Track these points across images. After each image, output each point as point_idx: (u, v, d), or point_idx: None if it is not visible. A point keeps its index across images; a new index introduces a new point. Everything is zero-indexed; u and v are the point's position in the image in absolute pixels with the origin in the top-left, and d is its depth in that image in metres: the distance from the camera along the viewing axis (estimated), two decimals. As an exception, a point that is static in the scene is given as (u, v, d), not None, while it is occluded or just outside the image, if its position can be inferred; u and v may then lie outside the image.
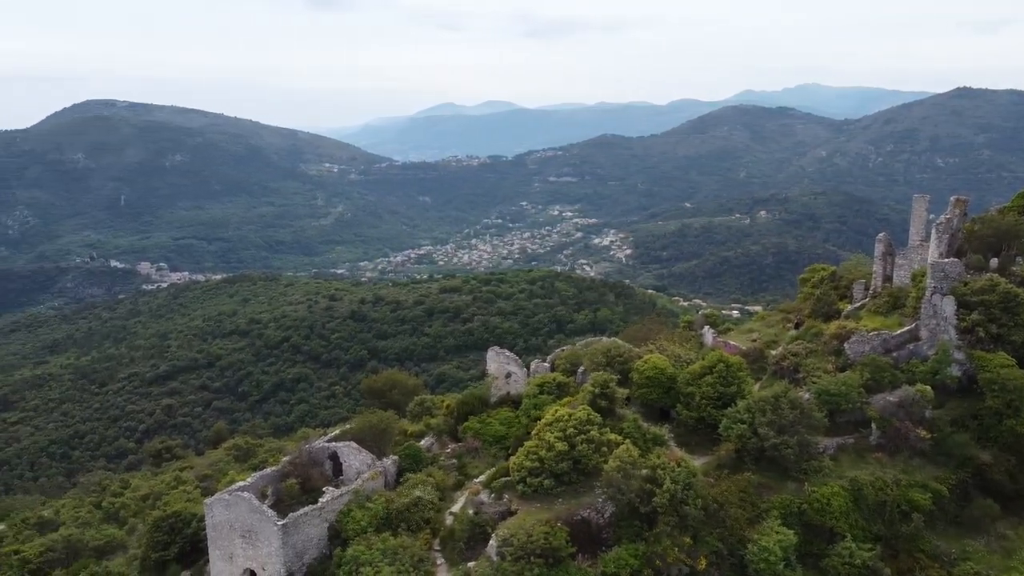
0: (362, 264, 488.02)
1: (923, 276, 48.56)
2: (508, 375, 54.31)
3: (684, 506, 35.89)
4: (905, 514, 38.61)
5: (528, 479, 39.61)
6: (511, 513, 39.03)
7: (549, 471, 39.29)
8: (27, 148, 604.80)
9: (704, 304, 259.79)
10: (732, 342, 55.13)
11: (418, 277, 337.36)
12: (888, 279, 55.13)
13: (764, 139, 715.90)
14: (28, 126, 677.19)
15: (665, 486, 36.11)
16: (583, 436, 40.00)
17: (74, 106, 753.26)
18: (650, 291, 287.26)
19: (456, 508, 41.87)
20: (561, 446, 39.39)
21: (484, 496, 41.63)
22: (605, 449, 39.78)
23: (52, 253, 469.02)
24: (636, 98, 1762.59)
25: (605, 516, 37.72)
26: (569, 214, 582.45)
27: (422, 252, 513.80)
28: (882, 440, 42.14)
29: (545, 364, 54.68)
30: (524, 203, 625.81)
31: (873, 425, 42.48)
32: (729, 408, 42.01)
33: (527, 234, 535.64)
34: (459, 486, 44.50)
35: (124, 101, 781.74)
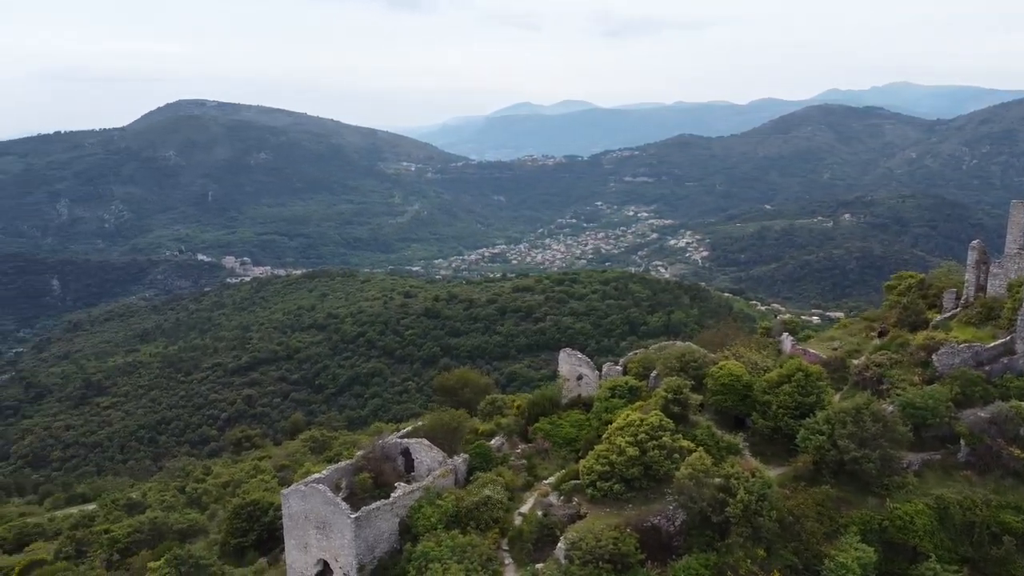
0: (437, 262, 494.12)
1: (1020, 286, 46.09)
2: (579, 377, 54.03)
3: (758, 517, 35.00)
4: (995, 536, 36.72)
5: (598, 483, 39.32)
6: (580, 516, 38.81)
7: (619, 476, 38.91)
8: (123, 146, 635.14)
9: (783, 309, 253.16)
10: (812, 350, 53.50)
11: (491, 276, 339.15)
12: (981, 289, 52.52)
13: (850, 140, 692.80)
14: (125, 125, 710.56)
15: (739, 496, 35.28)
16: (655, 442, 39.44)
17: (167, 105, 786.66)
18: (726, 294, 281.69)
19: (525, 509, 41.85)
20: (632, 451, 38.94)
21: (553, 498, 41.53)
22: (677, 456, 39.13)
23: (144, 246, 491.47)
24: (716, 97, 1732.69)
25: (676, 524, 37.12)
26: (644, 215, 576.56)
27: (496, 251, 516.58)
28: (971, 458, 40.18)
29: (617, 367, 54.19)
30: (599, 203, 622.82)
31: (962, 442, 40.53)
32: (807, 418, 40.75)
33: (601, 234, 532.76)
34: (528, 487, 44.46)
35: (214, 101, 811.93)
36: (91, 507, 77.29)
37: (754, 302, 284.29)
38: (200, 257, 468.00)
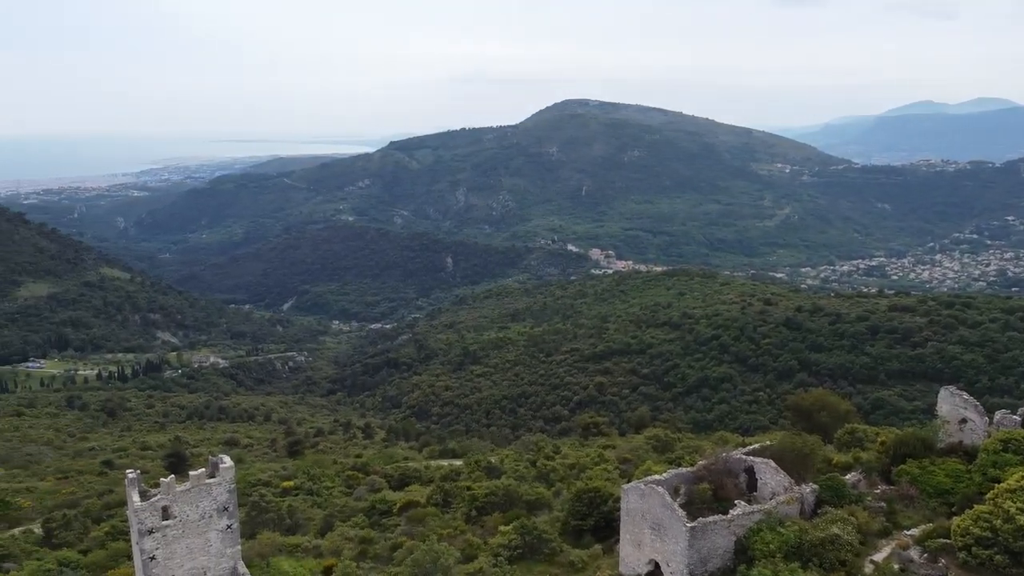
0: (803, 270, 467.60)
1: None
2: (963, 421, 46.92)
3: None
4: None
5: (974, 548, 33.90)
6: (947, 582, 33.89)
7: (1004, 546, 33.11)
8: (515, 141, 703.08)
9: None
10: None
11: (864, 290, 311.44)
12: None
13: None
14: (517, 122, 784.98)
15: None
16: (1058, 515, 32.81)
17: (555, 104, 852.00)
18: None
19: (878, 557, 37.71)
20: (1024, 520, 32.88)
21: (914, 553, 36.80)
22: (1088, 538, 32.13)
23: (523, 234, 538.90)
24: None
25: (1077, 620, 30.56)
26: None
27: (872, 263, 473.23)
28: None
29: (1015, 417, 45.99)
30: (1010, 217, 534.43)
31: None
32: None
33: (1010, 254, 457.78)
34: (885, 534, 39.93)
35: (596, 100, 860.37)
36: (458, 463, 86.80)
37: None
38: (569, 247, 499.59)
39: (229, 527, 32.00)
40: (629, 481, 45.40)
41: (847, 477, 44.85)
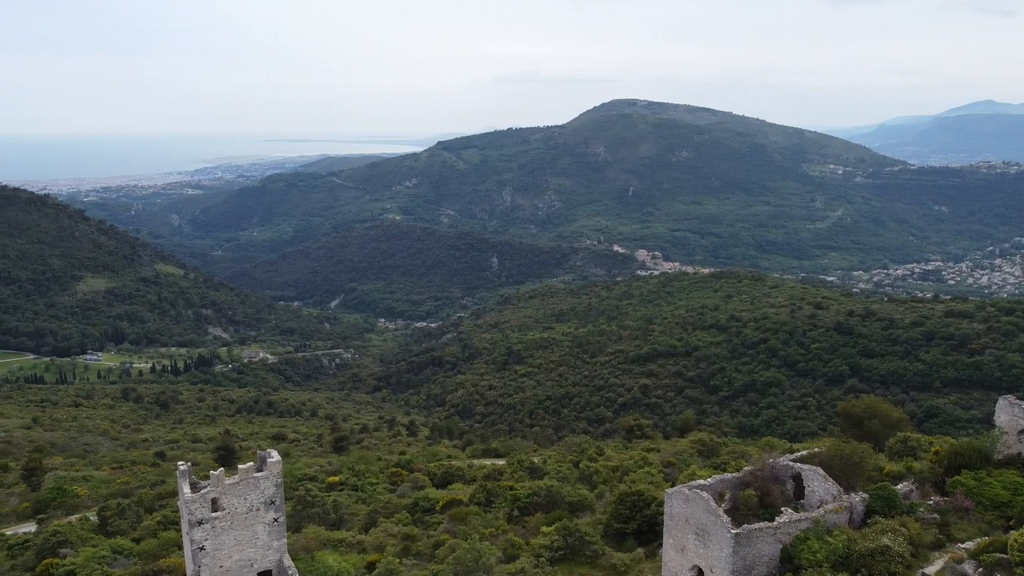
0: (856, 273, 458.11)
1: None
2: (1022, 432, 45.37)
3: None
4: None
5: (1032, 564, 32.78)
6: (1003, 598, 32.80)
7: (1064, 562, 31.96)
8: (562, 141, 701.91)
9: None
10: None
11: (919, 295, 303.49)
12: None
13: None
14: (564, 122, 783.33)
15: None
16: (1123, 532, 31.54)
17: (603, 105, 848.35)
18: None
19: (931, 570, 36.65)
20: (1087, 537, 31.67)
21: (968, 567, 35.67)
22: None
23: (568, 234, 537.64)
24: None
25: None
26: None
27: (928, 268, 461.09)
28: None
29: (1077, 429, 44.33)
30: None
31: None
32: None
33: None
34: (938, 546, 38.80)
35: (644, 101, 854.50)
36: (500, 462, 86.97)
37: None
38: (615, 248, 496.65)
39: (275, 520, 32.57)
40: (673, 485, 45.04)
41: (899, 487, 43.73)
